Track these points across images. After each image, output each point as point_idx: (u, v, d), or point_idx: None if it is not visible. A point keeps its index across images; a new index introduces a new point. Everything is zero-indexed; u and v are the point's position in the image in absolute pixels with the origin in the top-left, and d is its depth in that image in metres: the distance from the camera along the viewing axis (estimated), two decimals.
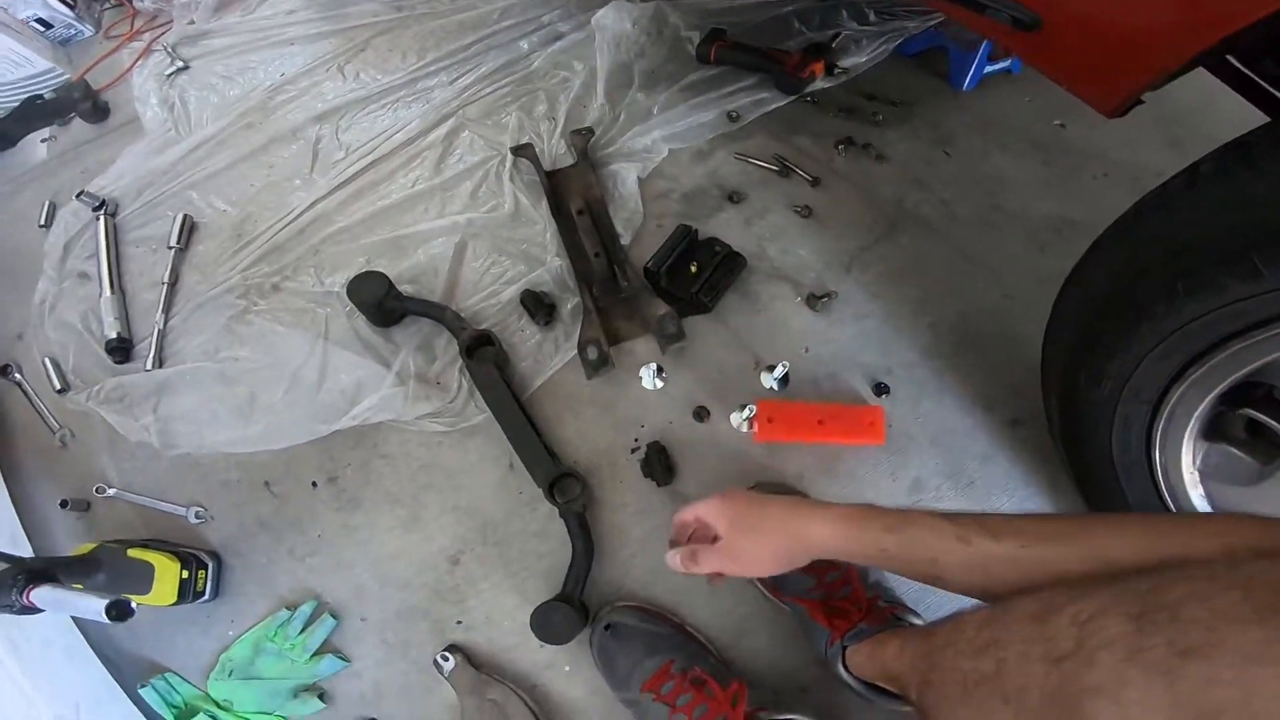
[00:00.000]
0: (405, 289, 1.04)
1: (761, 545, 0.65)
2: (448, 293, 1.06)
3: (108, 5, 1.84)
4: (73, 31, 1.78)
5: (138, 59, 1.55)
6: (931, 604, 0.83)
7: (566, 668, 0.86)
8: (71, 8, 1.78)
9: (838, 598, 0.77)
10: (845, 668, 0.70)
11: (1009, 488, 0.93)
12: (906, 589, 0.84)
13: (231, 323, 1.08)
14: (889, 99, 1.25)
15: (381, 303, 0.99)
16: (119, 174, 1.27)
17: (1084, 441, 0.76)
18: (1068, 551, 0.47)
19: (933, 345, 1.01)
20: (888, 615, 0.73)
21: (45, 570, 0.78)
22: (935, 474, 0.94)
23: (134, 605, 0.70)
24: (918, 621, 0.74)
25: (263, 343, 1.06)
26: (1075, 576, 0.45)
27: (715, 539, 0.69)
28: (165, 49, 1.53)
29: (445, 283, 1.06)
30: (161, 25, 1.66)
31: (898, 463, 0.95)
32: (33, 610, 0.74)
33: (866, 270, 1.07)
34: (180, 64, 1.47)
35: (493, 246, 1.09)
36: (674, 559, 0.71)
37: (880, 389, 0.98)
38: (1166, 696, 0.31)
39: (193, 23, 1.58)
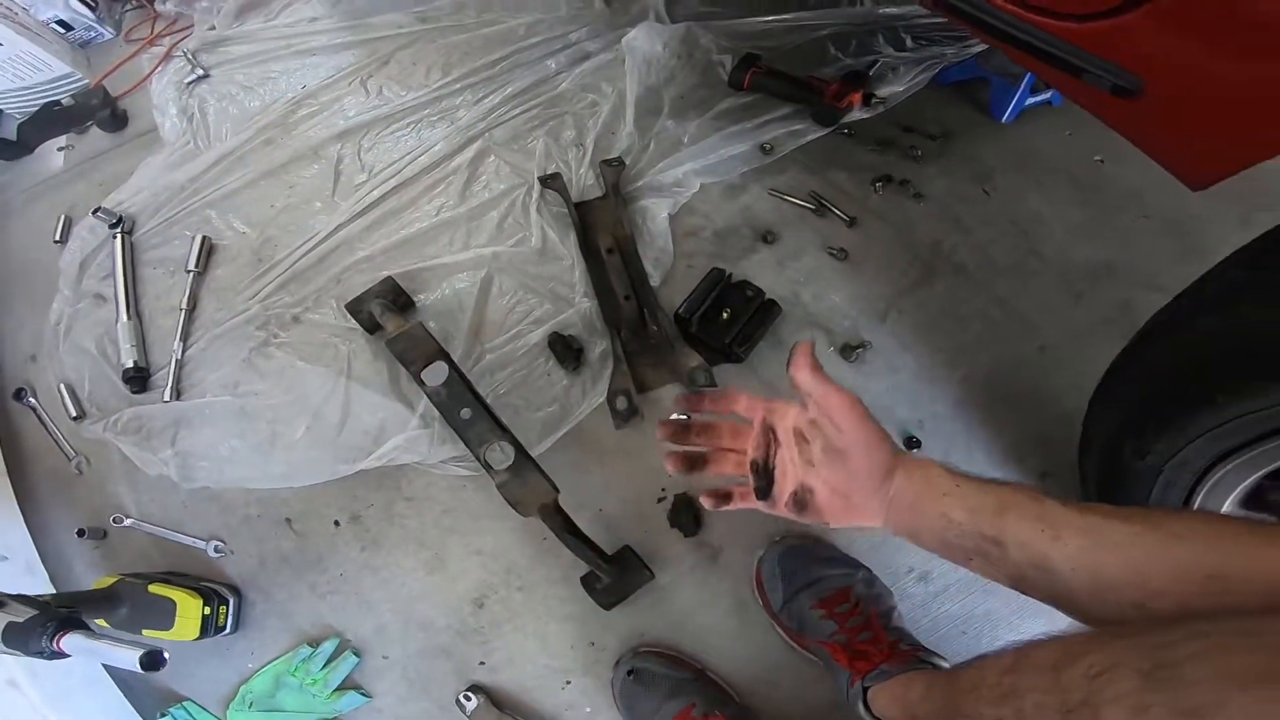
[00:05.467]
0: (430, 325, 0.93)
1: (873, 485, 0.52)
2: (473, 331, 0.95)
3: (129, 7, 1.69)
4: (93, 34, 1.63)
5: (157, 65, 1.41)
6: (956, 649, 0.79)
7: (588, 709, 0.82)
8: (93, 9, 1.64)
9: (859, 641, 0.72)
10: (866, 708, 0.67)
11: None
12: (927, 635, 0.80)
13: (252, 355, 0.98)
14: (927, 131, 1.13)
15: None
16: (136, 188, 1.16)
17: (1118, 501, 0.71)
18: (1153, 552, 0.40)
19: (965, 398, 0.93)
20: (910, 657, 0.69)
21: (74, 616, 0.71)
22: None
23: (166, 656, 0.66)
24: (943, 664, 0.70)
25: (283, 378, 0.96)
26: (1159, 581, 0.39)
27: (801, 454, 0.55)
28: (185, 55, 1.39)
29: (470, 320, 0.96)
30: (182, 29, 1.51)
31: None
32: (63, 656, 0.68)
33: (901, 319, 0.98)
34: (200, 71, 1.34)
35: (519, 283, 0.99)
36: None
37: (911, 442, 0.91)
38: None
39: (214, 28, 1.44)
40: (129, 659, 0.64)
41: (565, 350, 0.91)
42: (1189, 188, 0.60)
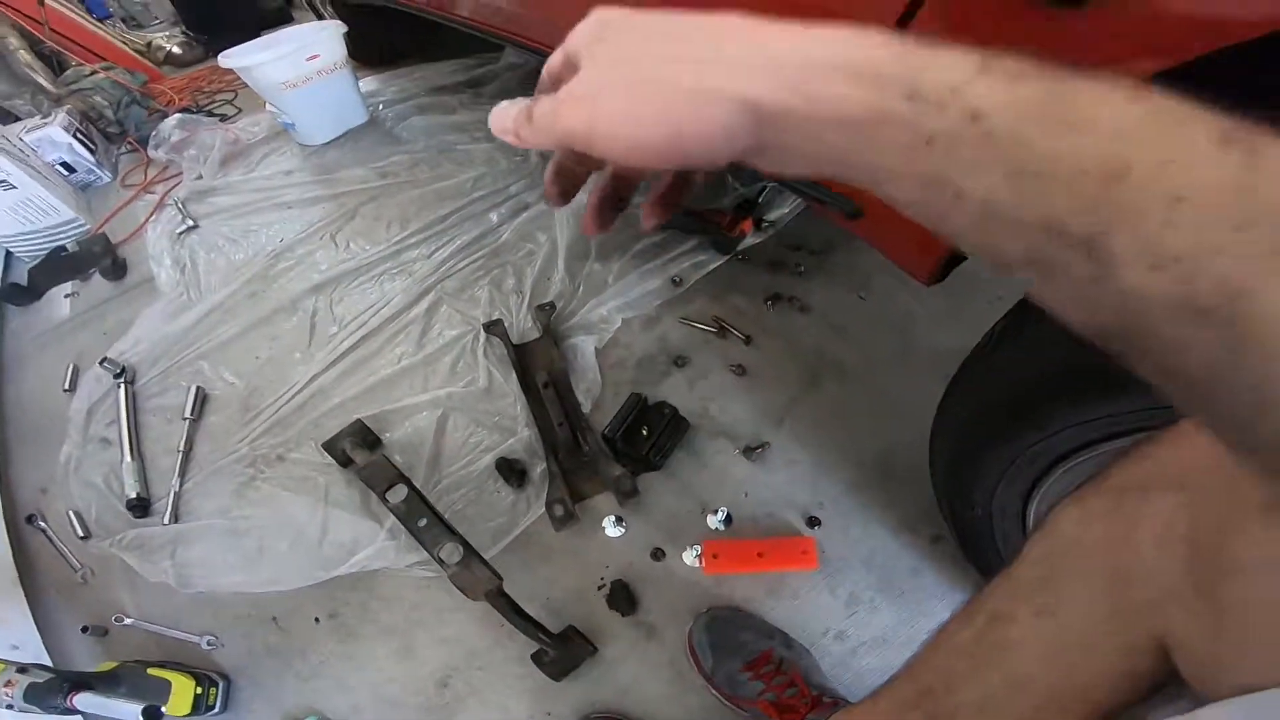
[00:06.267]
0: (396, 458, 1.08)
1: (642, 74, 0.26)
2: (431, 462, 1.11)
3: (123, 151, 1.88)
4: (92, 177, 1.81)
5: (152, 213, 1.59)
6: None
7: None
8: (92, 152, 1.81)
9: (786, 697, 0.79)
10: None
11: (938, 593, 0.96)
12: (852, 689, 0.86)
13: (241, 488, 1.12)
14: (811, 248, 1.32)
15: None
16: (136, 339, 1.30)
17: (978, 550, 0.81)
18: None
19: (859, 480, 1.06)
20: (834, 706, 0.76)
21: (85, 680, 0.84)
22: (869, 588, 0.97)
23: (164, 710, 0.77)
24: None
25: (270, 505, 1.10)
26: None
27: None
28: (177, 204, 1.57)
29: (429, 452, 1.11)
30: (172, 176, 1.70)
31: (835, 582, 0.98)
32: (74, 713, 0.81)
33: (796, 420, 1.13)
34: (190, 222, 1.51)
35: (470, 419, 1.15)
36: (497, 116, 0.33)
37: (812, 522, 1.03)
38: None
39: (200, 177, 1.62)
40: (131, 712, 0.76)
41: (510, 472, 1.07)
42: (920, 282, 0.70)
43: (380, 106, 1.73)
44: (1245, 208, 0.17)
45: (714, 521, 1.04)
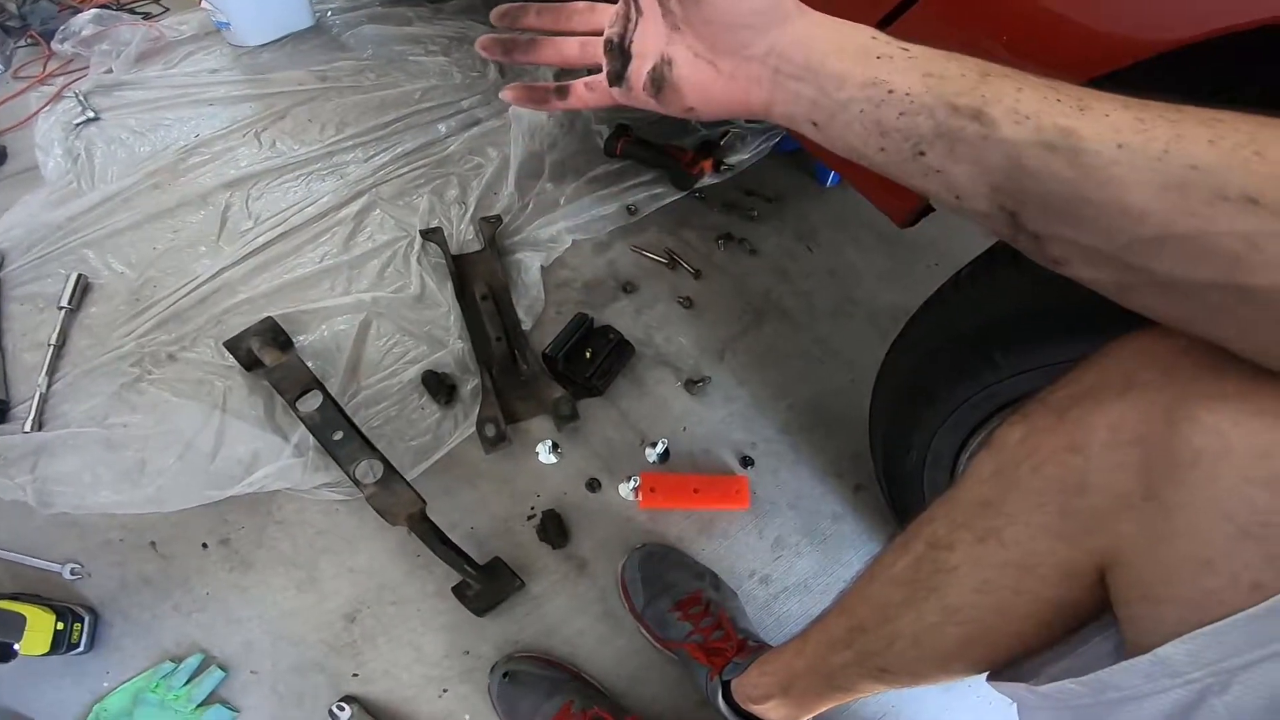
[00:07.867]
0: (309, 364, 0.96)
1: (746, 39, 0.36)
2: (350, 370, 0.99)
3: (21, 44, 1.63)
4: None
5: (46, 104, 1.37)
6: None
7: (466, 716, 0.82)
8: None
9: (713, 640, 0.78)
10: (724, 701, 0.70)
11: (856, 543, 0.97)
12: (773, 634, 0.86)
13: (122, 390, 0.96)
14: (764, 195, 1.30)
15: None
16: (9, 224, 1.11)
17: (905, 499, 0.81)
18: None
19: (790, 423, 1.06)
20: (759, 651, 0.74)
21: None
22: (795, 532, 0.97)
23: (16, 649, 0.65)
24: None
25: (155, 411, 0.95)
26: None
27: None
28: (77, 96, 1.36)
29: (348, 360, 0.99)
30: (76, 71, 1.48)
31: (763, 524, 0.97)
32: None
33: (736, 357, 1.10)
34: (91, 114, 1.31)
35: (396, 326, 1.03)
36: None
37: (746, 461, 1.02)
38: None
39: (110, 71, 1.41)
40: None
41: (438, 385, 0.96)
42: (896, 225, 0.69)
43: (329, 13, 1.57)
44: (1061, 91, 0.29)
45: (651, 455, 1.00)
